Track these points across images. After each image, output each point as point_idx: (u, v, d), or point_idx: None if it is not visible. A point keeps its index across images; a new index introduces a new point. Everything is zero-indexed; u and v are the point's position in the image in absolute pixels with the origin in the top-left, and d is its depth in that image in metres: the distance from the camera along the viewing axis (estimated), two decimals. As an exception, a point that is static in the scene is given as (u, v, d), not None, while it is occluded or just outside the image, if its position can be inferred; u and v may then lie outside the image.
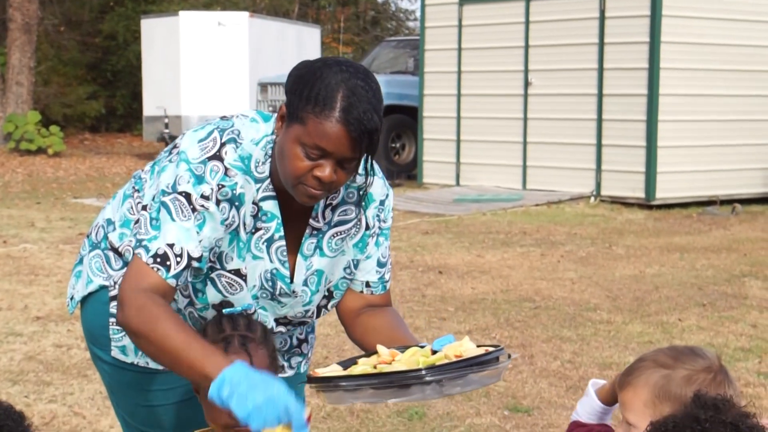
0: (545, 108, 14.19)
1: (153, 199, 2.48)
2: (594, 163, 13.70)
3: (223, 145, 2.46)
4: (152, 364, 2.63)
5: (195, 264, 2.44)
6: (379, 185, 2.66)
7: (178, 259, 2.42)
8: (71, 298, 2.75)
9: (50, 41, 26.01)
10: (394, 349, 2.48)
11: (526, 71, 14.32)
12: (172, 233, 2.42)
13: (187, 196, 2.43)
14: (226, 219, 2.46)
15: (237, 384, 2.15)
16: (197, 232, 2.43)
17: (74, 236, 10.36)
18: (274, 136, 2.49)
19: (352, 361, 2.48)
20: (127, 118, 27.03)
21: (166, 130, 19.47)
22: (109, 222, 2.69)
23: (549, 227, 11.52)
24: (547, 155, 14.16)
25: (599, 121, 13.64)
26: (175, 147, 2.52)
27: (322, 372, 2.43)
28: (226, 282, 2.53)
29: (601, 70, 13.56)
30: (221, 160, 2.45)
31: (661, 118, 13.13)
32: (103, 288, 2.66)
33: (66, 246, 9.72)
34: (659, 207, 13.18)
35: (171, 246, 2.42)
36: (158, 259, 2.40)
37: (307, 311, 2.67)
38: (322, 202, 2.57)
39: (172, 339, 2.29)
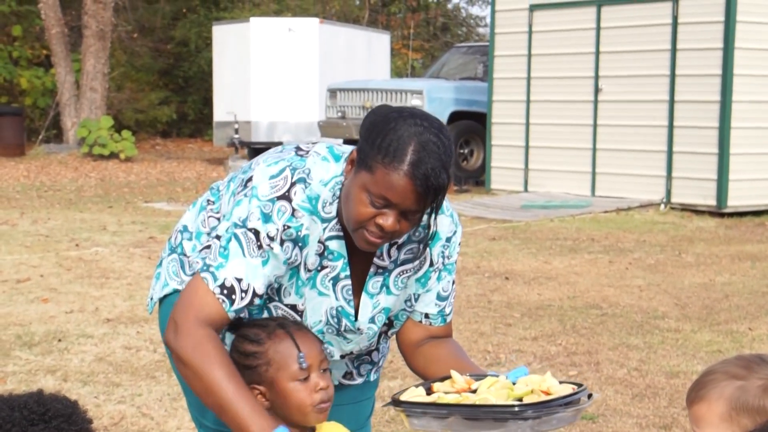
0: (615, 114, 14.07)
1: (226, 230, 2.51)
2: (664, 170, 13.55)
3: (293, 185, 2.49)
4: None
5: (257, 301, 2.48)
6: (446, 223, 2.68)
7: (243, 294, 2.45)
8: (151, 298, 2.83)
9: (123, 48, 26.41)
10: (468, 377, 2.51)
11: (597, 77, 14.22)
12: (241, 268, 2.46)
13: (256, 233, 2.47)
14: (289, 258, 2.50)
15: None
16: (263, 270, 2.47)
17: (145, 240, 10.50)
18: (342, 177, 2.52)
19: (427, 386, 2.51)
20: (198, 123, 27.34)
21: (236, 136, 19.65)
22: (185, 229, 2.77)
23: (617, 234, 11.42)
24: (616, 162, 14.04)
25: (670, 127, 13.49)
26: (249, 180, 2.55)
27: (405, 397, 2.45)
28: (282, 314, 2.59)
29: (673, 76, 13.42)
30: (290, 200, 2.48)
31: (734, 125, 12.96)
32: (176, 292, 2.71)
33: (136, 249, 9.86)
34: (731, 215, 13.00)
35: (239, 281, 2.45)
36: (225, 291, 2.44)
37: (369, 344, 2.73)
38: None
39: (223, 388, 2.34)
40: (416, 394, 2.47)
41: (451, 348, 2.71)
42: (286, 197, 2.48)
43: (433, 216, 2.51)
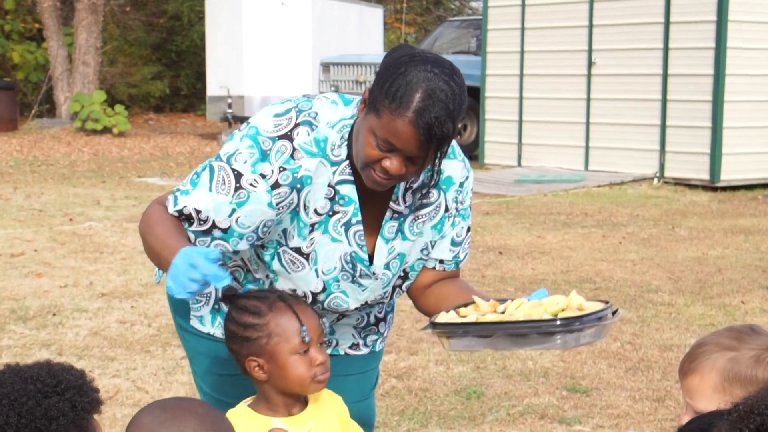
0: (609, 88, 14.06)
1: (211, 158, 2.55)
2: (658, 144, 13.56)
3: (296, 125, 2.50)
4: None
5: (218, 234, 2.50)
6: (459, 168, 2.68)
7: (201, 222, 2.50)
8: (158, 269, 2.83)
9: (116, 21, 26.27)
10: (493, 301, 2.50)
11: (590, 51, 14.20)
12: (203, 200, 2.50)
13: (238, 175, 2.48)
14: (280, 202, 2.50)
15: (175, 261, 2.28)
16: (233, 209, 2.48)
17: (138, 214, 10.46)
18: (351, 120, 2.52)
19: (454, 310, 2.50)
20: (191, 98, 27.25)
21: (230, 110, 19.60)
22: None
23: (611, 208, 11.44)
24: (610, 136, 14.04)
25: (664, 101, 13.49)
26: (253, 118, 2.57)
27: (440, 320, 2.45)
28: (289, 259, 2.59)
29: (666, 49, 13.40)
30: (291, 140, 2.49)
31: (728, 99, 12.96)
32: None
33: (130, 224, 9.85)
34: (724, 189, 13.02)
35: (198, 212, 2.50)
36: (182, 217, 2.51)
37: (384, 293, 2.71)
38: (402, 186, 2.60)
39: (158, 237, 2.44)
40: (447, 318, 2.46)
41: (462, 284, 2.73)
42: (287, 137, 2.49)
43: (438, 162, 2.50)
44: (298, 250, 2.58)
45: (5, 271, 7.69)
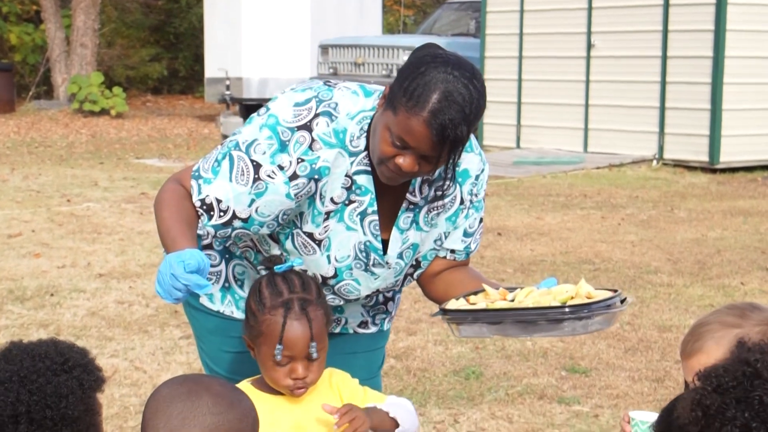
0: (608, 70, 14.02)
1: (229, 144, 2.54)
2: (657, 126, 13.53)
3: (316, 116, 2.50)
4: (236, 313, 2.73)
5: (238, 223, 2.52)
6: (475, 161, 2.69)
7: (221, 213, 2.52)
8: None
9: (114, 3, 26.19)
10: (502, 289, 2.51)
11: (589, 33, 14.15)
12: (224, 191, 2.51)
13: (257, 166, 2.49)
14: (299, 193, 2.50)
15: (160, 269, 2.34)
16: (252, 200, 2.50)
17: (136, 195, 10.48)
18: (371, 112, 2.53)
19: (464, 298, 2.51)
20: (189, 80, 27.18)
21: (228, 92, 19.54)
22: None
23: (610, 190, 11.43)
24: (609, 118, 14.01)
25: (663, 83, 13.45)
26: (272, 102, 2.56)
27: (452, 307, 2.46)
28: (302, 242, 2.60)
29: (665, 32, 13.36)
30: (310, 131, 2.49)
31: (727, 81, 12.92)
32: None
33: (128, 205, 9.84)
34: (723, 170, 12.99)
35: (219, 201, 2.52)
36: (204, 207, 2.53)
37: (395, 281, 2.72)
38: (419, 178, 2.59)
39: (165, 221, 2.48)
40: (457, 305, 2.47)
41: (472, 272, 2.74)
42: (307, 127, 2.49)
43: (452, 163, 2.49)
44: (310, 236, 2.59)
45: (3, 251, 7.67)
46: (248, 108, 18.64)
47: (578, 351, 5.45)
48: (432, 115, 2.33)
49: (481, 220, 2.75)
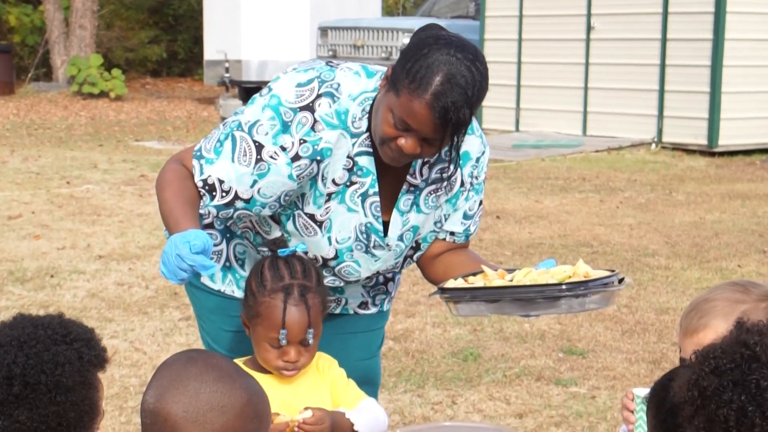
0: (607, 53, 14.01)
1: (231, 125, 2.55)
2: (656, 110, 13.53)
3: (318, 96, 2.50)
4: (237, 293, 2.75)
5: (241, 204, 2.53)
6: (476, 143, 2.69)
7: (224, 194, 2.53)
8: None
9: (113, -15, 26.13)
10: (501, 270, 2.52)
11: (589, 15, 14.13)
12: (226, 171, 2.52)
13: (259, 147, 2.50)
14: (301, 174, 2.51)
15: (165, 249, 2.34)
16: (255, 180, 2.50)
17: (136, 178, 10.49)
18: (373, 93, 2.53)
19: (462, 278, 2.53)
20: (188, 62, 27.13)
21: (227, 75, 19.51)
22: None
23: (608, 173, 11.44)
24: (608, 101, 14.01)
25: (662, 66, 13.44)
26: (275, 83, 2.56)
27: (450, 286, 2.48)
28: (303, 223, 2.61)
29: (665, 14, 13.34)
30: (312, 111, 2.49)
31: (726, 64, 12.91)
32: None
33: (128, 187, 9.85)
34: (721, 154, 13.00)
35: (221, 182, 2.52)
36: (206, 187, 2.53)
37: (396, 263, 2.73)
38: (419, 160, 2.60)
39: (168, 202, 2.48)
40: (456, 285, 2.49)
41: (471, 254, 2.75)
42: (309, 108, 2.49)
43: (455, 145, 2.50)
44: (311, 217, 2.60)
45: (3, 233, 7.69)
46: (247, 90, 18.62)
47: (575, 333, 5.47)
48: (434, 97, 2.33)
49: (480, 203, 2.76)
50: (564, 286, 2.33)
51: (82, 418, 1.78)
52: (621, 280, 2.44)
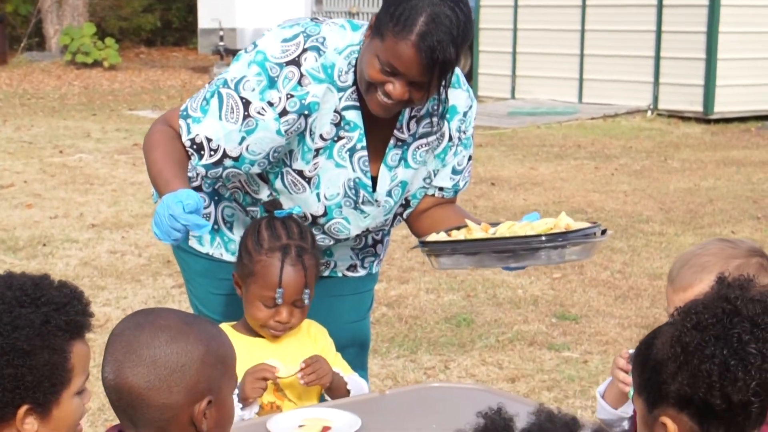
0: (603, 19, 13.95)
1: (217, 82, 2.53)
2: (652, 76, 13.48)
3: (304, 51, 2.49)
4: (225, 256, 2.74)
5: (229, 162, 2.51)
6: (463, 97, 2.67)
7: (212, 153, 2.51)
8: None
9: (106, -47, 25.96)
10: (484, 224, 2.51)
11: (584, -18, 14.06)
12: (214, 129, 2.50)
13: (246, 103, 2.47)
14: (289, 129, 2.49)
15: (157, 209, 2.32)
16: (243, 137, 2.48)
17: (129, 147, 10.46)
18: (358, 46, 2.51)
19: (445, 232, 2.51)
20: (183, 31, 27.01)
21: (221, 43, 19.44)
22: None
23: (604, 140, 11.41)
24: (604, 68, 13.96)
25: (658, 32, 13.39)
26: (260, 39, 2.55)
27: (432, 239, 2.47)
28: (291, 180, 2.59)
29: (661, -20, 13.28)
30: (298, 66, 2.48)
31: (722, 30, 12.86)
32: None
33: (121, 156, 9.82)
34: (717, 121, 12.97)
35: (209, 140, 2.50)
36: (194, 146, 2.51)
37: (385, 220, 2.72)
38: (406, 114, 2.59)
39: (154, 165, 2.47)
40: (438, 238, 2.48)
41: (457, 209, 2.74)
42: (295, 62, 2.48)
43: (443, 90, 2.48)
44: (300, 173, 2.58)
45: (-5, 202, 7.67)
46: (242, 59, 18.53)
47: (569, 298, 5.47)
48: (420, 37, 2.32)
49: (470, 158, 2.74)
50: (543, 237, 2.32)
51: (42, 383, 1.75)
52: (604, 232, 2.42)
